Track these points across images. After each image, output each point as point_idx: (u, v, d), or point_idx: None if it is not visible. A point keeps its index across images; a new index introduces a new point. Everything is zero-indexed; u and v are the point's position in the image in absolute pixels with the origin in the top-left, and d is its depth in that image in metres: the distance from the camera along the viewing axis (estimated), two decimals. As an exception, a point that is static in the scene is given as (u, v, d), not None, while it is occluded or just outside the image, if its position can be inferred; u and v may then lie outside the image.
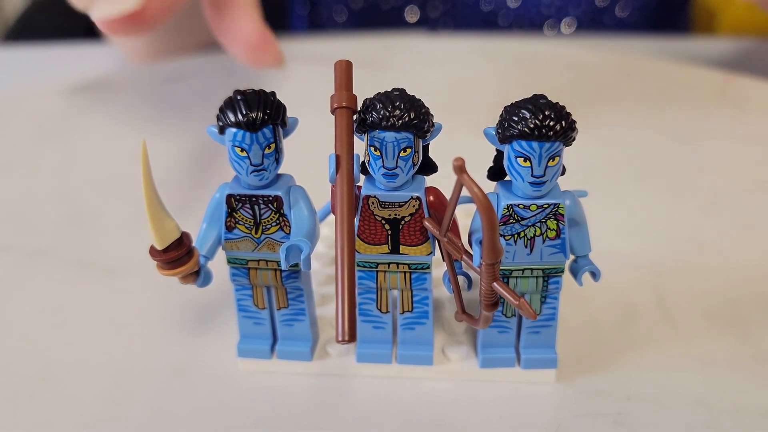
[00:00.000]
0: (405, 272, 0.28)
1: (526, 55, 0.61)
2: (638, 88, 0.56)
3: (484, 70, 0.59)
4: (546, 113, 0.24)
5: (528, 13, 0.72)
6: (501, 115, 0.25)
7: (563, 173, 0.26)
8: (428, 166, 0.27)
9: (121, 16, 0.31)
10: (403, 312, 0.29)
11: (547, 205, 0.26)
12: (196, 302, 0.33)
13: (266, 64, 0.40)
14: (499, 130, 0.25)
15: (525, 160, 0.25)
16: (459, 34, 0.71)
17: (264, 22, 0.40)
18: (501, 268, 0.26)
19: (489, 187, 0.26)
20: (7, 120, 0.53)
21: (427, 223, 0.27)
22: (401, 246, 0.27)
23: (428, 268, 0.28)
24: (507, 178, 0.26)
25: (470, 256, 0.25)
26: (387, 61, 0.60)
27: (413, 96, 0.26)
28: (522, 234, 0.26)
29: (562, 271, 0.27)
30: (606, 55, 0.61)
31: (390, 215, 0.27)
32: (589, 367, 0.29)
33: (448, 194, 0.25)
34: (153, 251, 0.25)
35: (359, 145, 0.26)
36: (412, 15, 0.74)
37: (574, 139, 0.25)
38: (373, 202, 0.27)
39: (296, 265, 0.27)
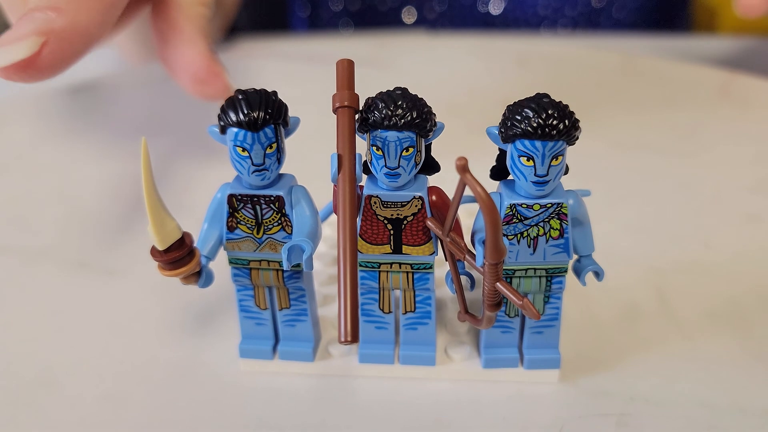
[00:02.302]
0: (407, 272, 0.28)
1: (528, 54, 0.61)
2: (639, 87, 0.56)
3: (486, 69, 0.59)
4: (549, 112, 0.24)
5: (524, 14, 0.72)
6: (504, 114, 0.25)
7: (566, 172, 0.26)
8: (431, 166, 0.27)
9: (14, 64, 0.31)
10: (406, 312, 0.29)
11: (550, 205, 0.26)
12: (198, 303, 0.33)
13: (212, 97, 0.38)
14: (502, 129, 0.25)
15: (528, 159, 0.25)
16: (457, 34, 0.71)
17: (212, 51, 0.39)
18: (504, 267, 0.26)
19: (492, 186, 0.26)
20: (7, 121, 0.53)
21: (429, 223, 0.27)
22: (404, 246, 0.27)
23: (431, 268, 0.28)
24: (510, 177, 0.26)
25: (473, 255, 0.25)
26: (388, 61, 0.60)
27: (415, 95, 0.26)
28: (525, 233, 0.26)
29: (566, 271, 0.27)
30: (606, 53, 0.61)
31: (392, 215, 0.27)
32: (592, 367, 0.29)
33: (450, 194, 0.24)
34: (154, 252, 0.25)
35: (361, 145, 0.26)
36: (409, 16, 0.74)
37: (577, 138, 0.25)
38: (375, 202, 0.27)
39: (298, 265, 0.27)
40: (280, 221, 0.27)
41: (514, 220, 0.26)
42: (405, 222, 0.27)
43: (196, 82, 0.38)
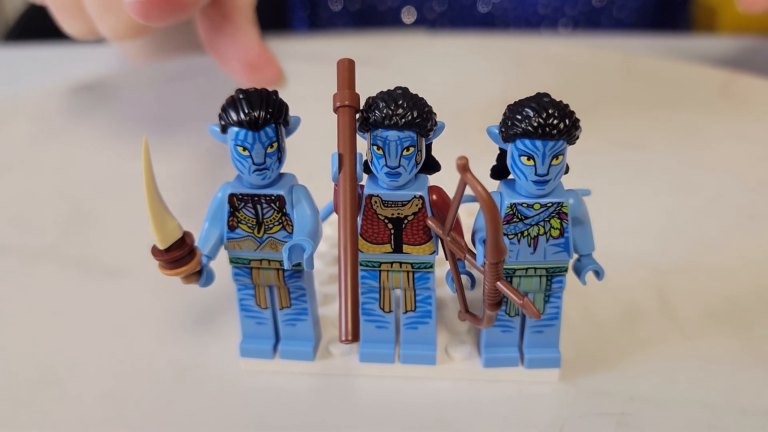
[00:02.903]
0: (408, 271, 0.28)
1: (528, 54, 0.61)
2: (639, 87, 0.56)
3: (486, 68, 0.59)
4: (550, 111, 0.24)
5: (525, 13, 0.72)
6: (504, 114, 0.25)
7: (567, 172, 0.26)
8: (431, 165, 0.27)
9: None
10: (406, 311, 0.29)
11: (550, 204, 0.26)
12: (198, 302, 0.33)
13: (266, 84, 0.39)
14: (503, 129, 0.25)
15: (528, 159, 0.25)
16: (457, 33, 0.71)
17: (263, 39, 0.40)
18: (504, 267, 0.26)
19: (492, 185, 0.26)
20: (7, 120, 0.53)
21: (430, 222, 0.27)
22: (404, 245, 0.27)
23: (431, 267, 0.28)
24: (510, 176, 0.26)
25: (473, 255, 0.25)
26: (389, 60, 0.60)
27: (416, 95, 0.26)
28: (525, 233, 0.26)
29: (566, 270, 0.27)
30: (607, 53, 0.61)
31: (393, 214, 0.27)
32: (593, 366, 0.29)
33: (451, 193, 0.24)
34: (155, 251, 0.25)
35: (362, 144, 0.26)
36: (409, 16, 0.74)
37: (577, 138, 0.25)
38: (375, 201, 0.27)
39: (299, 264, 0.27)
40: (280, 220, 0.27)
41: (514, 220, 0.26)
42: (405, 221, 0.27)
43: (251, 70, 0.39)
